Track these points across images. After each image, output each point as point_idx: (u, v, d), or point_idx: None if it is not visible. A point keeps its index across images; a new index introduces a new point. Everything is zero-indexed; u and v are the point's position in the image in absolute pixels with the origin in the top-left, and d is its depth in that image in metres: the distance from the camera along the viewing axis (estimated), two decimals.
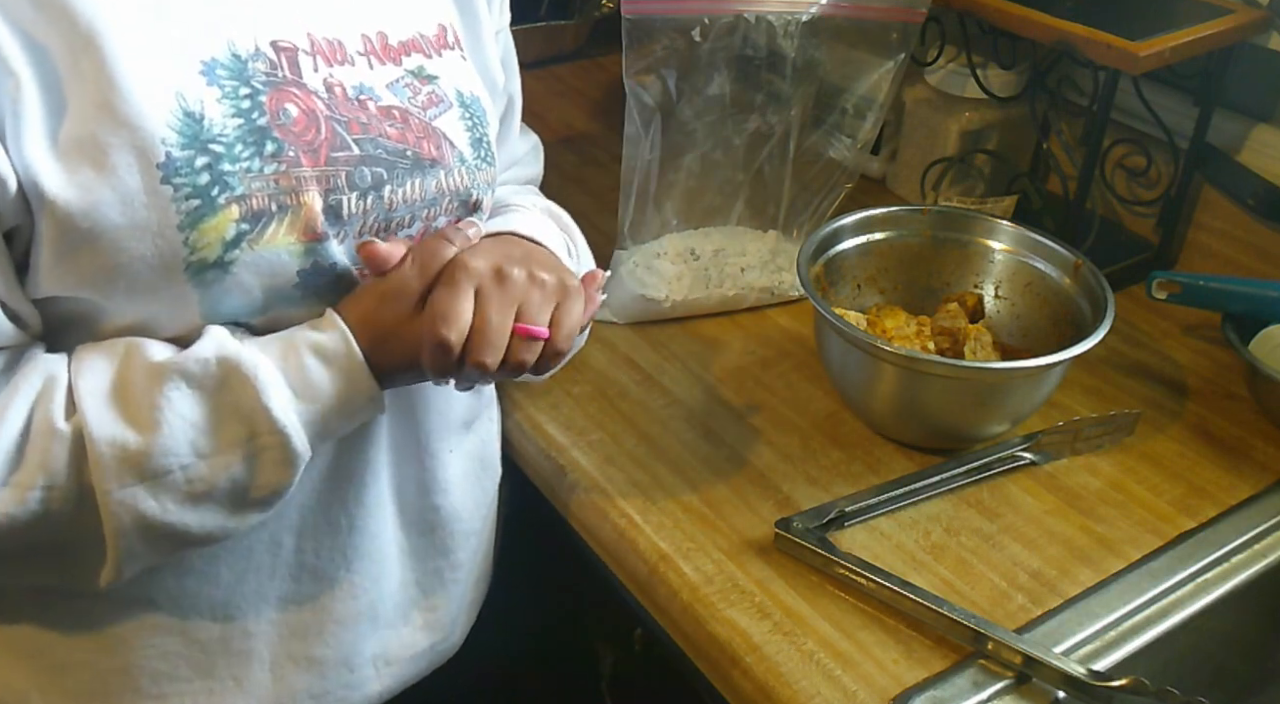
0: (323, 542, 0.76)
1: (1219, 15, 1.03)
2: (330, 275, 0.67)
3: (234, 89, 0.62)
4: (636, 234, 1.04)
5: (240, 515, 0.65)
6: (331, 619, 0.79)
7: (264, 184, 0.63)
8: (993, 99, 1.17)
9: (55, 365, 0.63)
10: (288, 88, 0.65)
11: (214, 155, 0.61)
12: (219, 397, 0.62)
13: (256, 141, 0.62)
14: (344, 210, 0.66)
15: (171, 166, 0.60)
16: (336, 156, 0.66)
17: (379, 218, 0.68)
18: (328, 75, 0.67)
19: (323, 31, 0.67)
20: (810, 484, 0.88)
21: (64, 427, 0.61)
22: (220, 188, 0.61)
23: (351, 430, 0.70)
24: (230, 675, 0.76)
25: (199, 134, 0.61)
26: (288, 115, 0.64)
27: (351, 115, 0.67)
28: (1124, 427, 0.93)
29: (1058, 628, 0.77)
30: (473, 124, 0.74)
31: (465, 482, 0.85)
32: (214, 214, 0.61)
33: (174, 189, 0.60)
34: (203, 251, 0.61)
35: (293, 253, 0.64)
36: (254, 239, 0.63)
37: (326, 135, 0.65)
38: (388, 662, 0.84)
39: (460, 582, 0.89)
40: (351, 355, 0.65)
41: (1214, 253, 1.14)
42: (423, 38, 0.73)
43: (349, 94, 0.67)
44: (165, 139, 0.59)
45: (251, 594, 0.75)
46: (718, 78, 1.00)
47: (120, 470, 0.60)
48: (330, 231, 0.65)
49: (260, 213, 0.63)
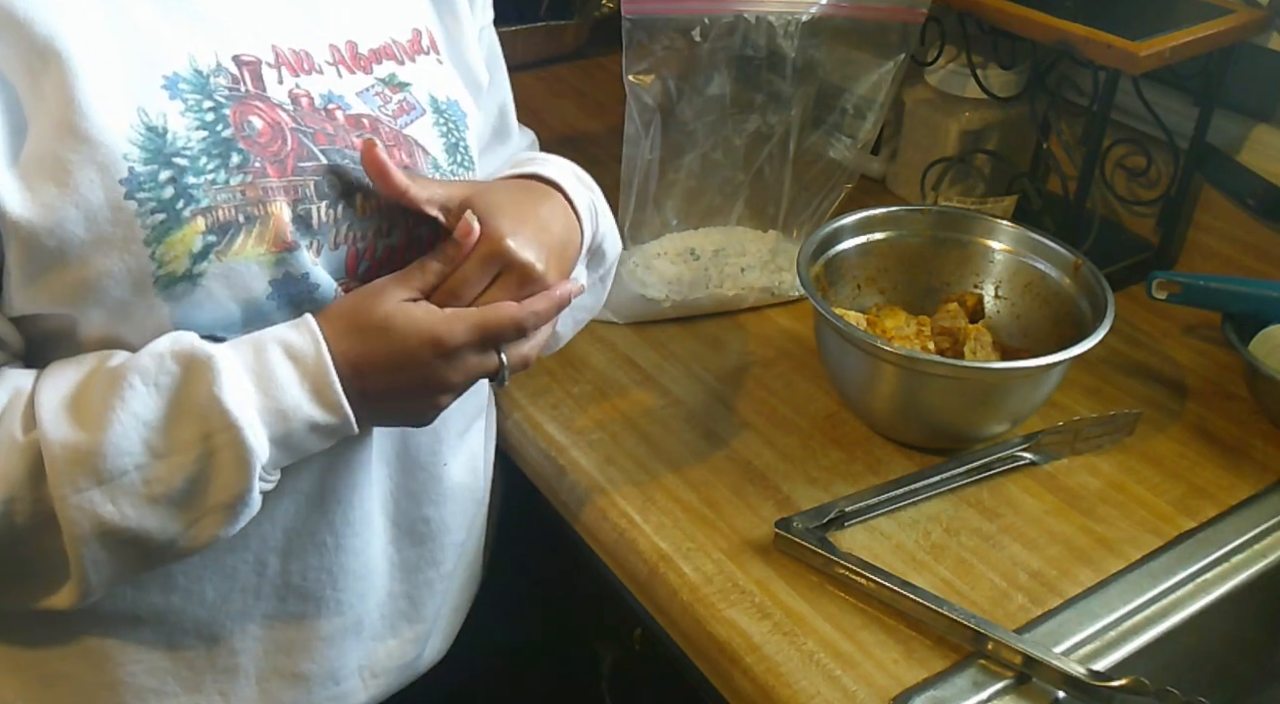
0: (309, 562, 0.75)
1: (1219, 15, 1.03)
2: (304, 285, 0.66)
3: (197, 102, 0.62)
4: (636, 234, 1.04)
5: (201, 524, 0.63)
6: (318, 636, 0.78)
7: (230, 195, 0.62)
8: (993, 99, 1.17)
9: (23, 380, 0.62)
10: (251, 101, 0.64)
11: (178, 169, 0.60)
12: (174, 392, 0.61)
13: (221, 153, 0.62)
14: (314, 219, 0.65)
15: (135, 181, 0.59)
16: (304, 166, 0.65)
17: (353, 226, 0.67)
18: (294, 86, 0.66)
19: (289, 43, 0.67)
20: (810, 484, 0.88)
21: (21, 439, 0.60)
22: (185, 201, 0.61)
23: (324, 450, 0.68)
24: (217, 691, 0.76)
25: (162, 148, 0.60)
26: (252, 127, 0.63)
27: (318, 126, 0.66)
28: (1124, 427, 0.93)
29: (1058, 628, 0.77)
30: (448, 130, 0.74)
31: (458, 492, 0.85)
32: (179, 227, 0.60)
33: (138, 204, 0.59)
34: (170, 265, 0.61)
35: (263, 263, 0.64)
36: (221, 251, 0.62)
37: (293, 146, 0.65)
38: (374, 674, 0.83)
39: (450, 591, 0.89)
40: (320, 356, 0.64)
41: (1214, 253, 1.14)
42: (395, 44, 0.72)
43: (316, 104, 0.67)
44: (127, 154, 0.59)
45: (237, 613, 0.74)
46: (718, 78, 1.00)
47: (73, 473, 0.59)
48: (301, 241, 0.65)
49: (227, 224, 0.62)
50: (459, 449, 0.84)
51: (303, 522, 0.73)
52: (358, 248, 0.68)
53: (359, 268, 0.68)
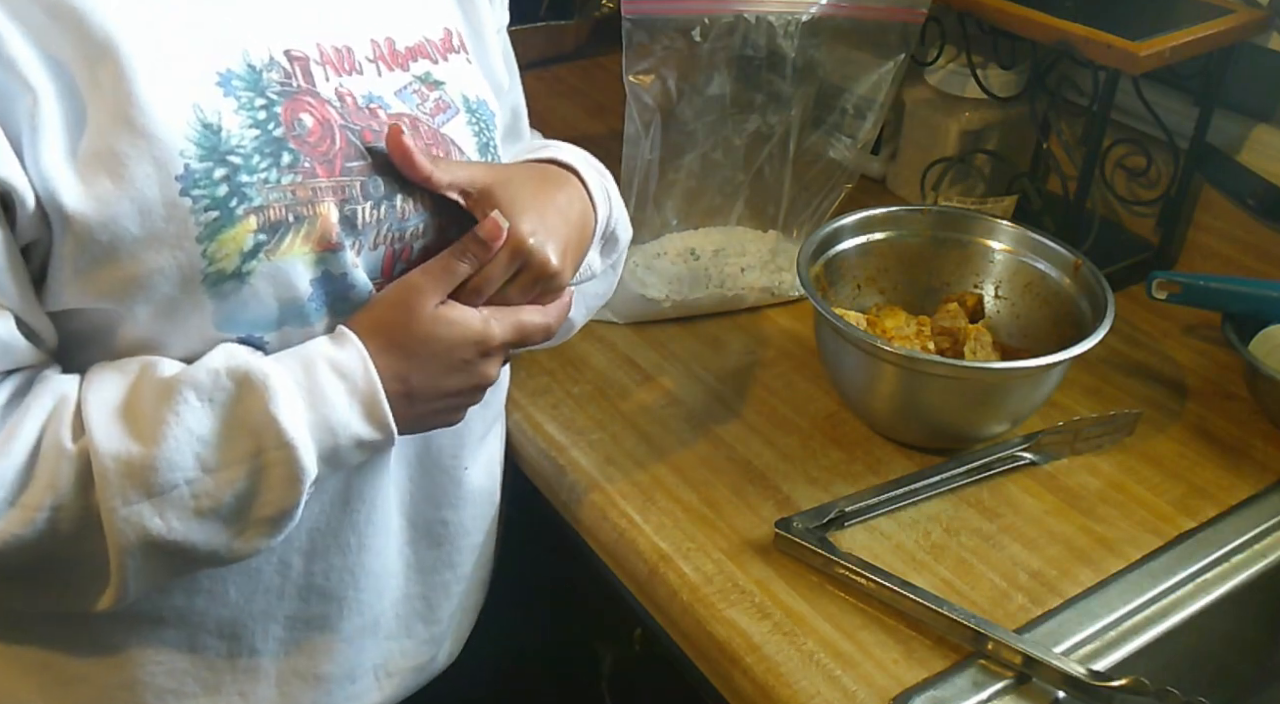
0: (333, 563, 0.75)
1: (1219, 15, 1.03)
2: (343, 284, 0.66)
3: (250, 100, 0.62)
4: (636, 234, 1.04)
5: (246, 537, 0.64)
6: (339, 638, 0.78)
7: (281, 195, 0.62)
8: (993, 99, 1.17)
9: (67, 386, 0.63)
10: (302, 97, 0.64)
11: (232, 167, 0.61)
12: (228, 409, 0.62)
13: (273, 152, 0.62)
14: (359, 220, 0.65)
15: (190, 178, 0.59)
16: (351, 166, 0.65)
17: (392, 227, 0.67)
18: (338, 85, 0.66)
19: (331, 40, 0.67)
20: (810, 484, 0.88)
21: (71, 446, 0.60)
22: (238, 199, 0.61)
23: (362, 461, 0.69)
24: (237, 691, 0.76)
25: (217, 146, 0.60)
26: (303, 126, 0.64)
27: (364, 124, 0.66)
28: (1124, 427, 0.93)
29: (1058, 628, 0.77)
30: (479, 129, 0.74)
31: (477, 495, 0.85)
32: (232, 225, 0.61)
33: (193, 201, 0.60)
34: (221, 263, 0.61)
35: (307, 263, 0.64)
36: (271, 250, 0.62)
37: (341, 145, 0.65)
38: (389, 673, 0.84)
39: (464, 592, 0.89)
40: (368, 374, 0.65)
41: (1214, 253, 1.14)
42: (429, 43, 0.73)
43: (359, 103, 0.67)
44: (184, 151, 0.59)
45: (259, 614, 0.74)
46: (718, 78, 1.00)
47: (124, 486, 0.60)
48: (345, 241, 0.65)
49: (278, 223, 0.62)
50: (479, 453, 0.85)
51: (327, 522, 0.74)
52: (395, 249, 0.68)
53: (394, 269, 0.69)
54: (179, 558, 0.63)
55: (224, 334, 0.64)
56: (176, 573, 0.66)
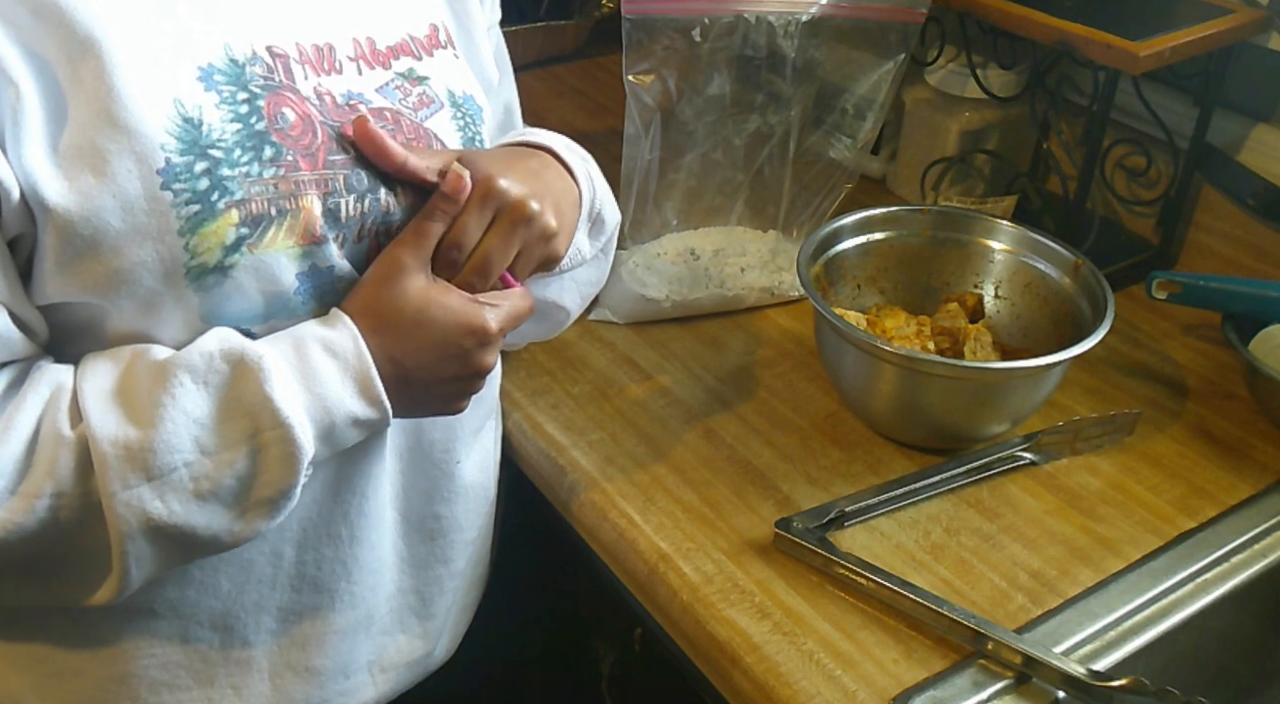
0: (324, 553, 0.76)
1: (1219, 15, 1.03)
2: (329, 278, 0.67)
3: (232, 94, 0.63)
4: (636, 234, 1.04)
5: (246, 518, 0.64)
6: (331, 630, 0.78)
7: (263, 188, 0.63)
8: (993, 99, 1.17)
9: (63, 375, 0.63)
10: (284, 92, 0.65)
11: (213, 160, 0.61)
12: (223, 391, 0.62)
13: (255, 146, 0.63)
14: (342, 213, 0.66)
15: (171, 172, 0.60)
16: (334, 160, 0.66)
17: (377, 220, 0.68)
18: (316, 84, 0.67)
19: (312, 38, 0.68)
20: (810, 484, 0.88)
21: (69, 433, 0.61)
22: (220, 193, 0.61)
23: (357, 443, 0.70)
24: (229, 684, 0.76)
25: (198, 140, 0.61)
26: (285, 120, 0.64)
27: (344, 119, 0.67)
28: (1124, 427, 0.93)
29: (1058, 628, 0.77)
30: (465, 124, 0.74)
31: (470, 490, 0.85)
32: (214, 219, 0.61)
33: (174, 194, 0.60)
34: (203, 256, 0.61)
35: (292, 256, 0.64)
36: (253, 243, 0.63)
37: (323, 139, 0.66)
38: (383, 669, 0.84)
39: (459, 588, 0.89)
40: (360, 353, 0.65)
41: (1214, 253, 1.14)
42: (413, 40, 0.73)
43: (339, 102, 0.68)
44: (164, 145, 0.60)
45: (252, 605, 0.74)
46: (718, 78, 1.00)
47: (124, 470, 0.60)
48: (329, 234, 0.66)
49: (260, 217, 0.63)
50: (472, 447, 0.85)
51: (318, 512, 0.74)
52: (380, 241, 0.68)
53: None
54: (180, 543, 0.63)
55: (211, 328, 0.64)
56: (177, 560, 0.66)
